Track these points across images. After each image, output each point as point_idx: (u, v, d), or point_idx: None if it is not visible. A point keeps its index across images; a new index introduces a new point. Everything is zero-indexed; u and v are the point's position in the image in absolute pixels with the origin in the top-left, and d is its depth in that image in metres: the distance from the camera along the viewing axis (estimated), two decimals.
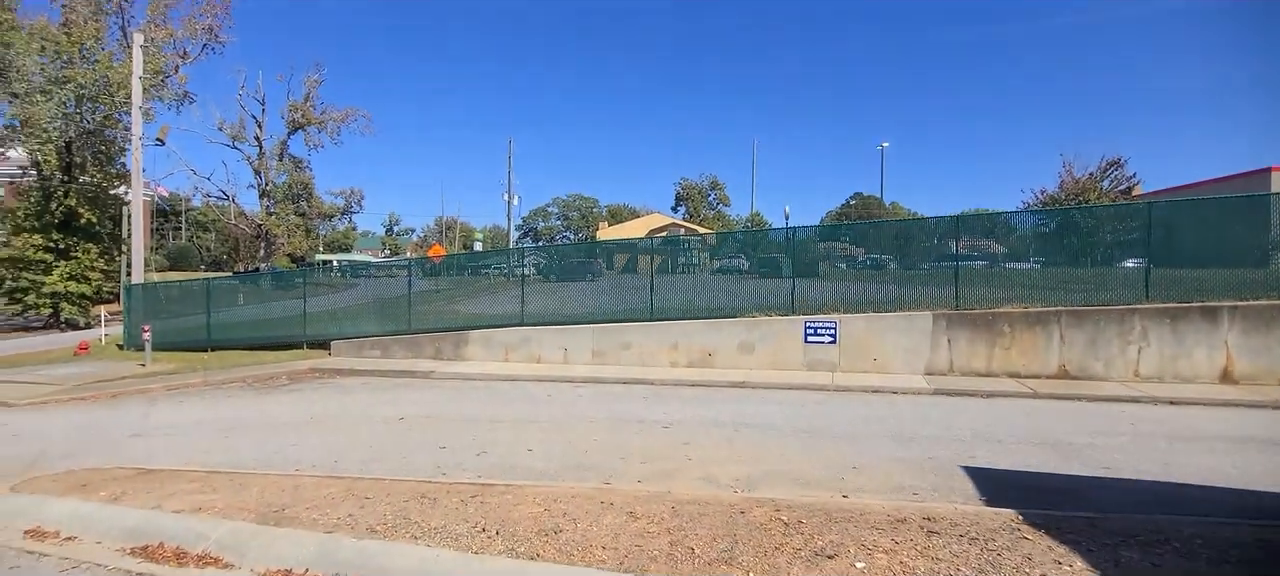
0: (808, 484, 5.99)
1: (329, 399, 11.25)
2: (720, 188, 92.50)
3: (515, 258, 20.05)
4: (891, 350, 12.37)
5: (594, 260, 18.50)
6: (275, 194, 54.42)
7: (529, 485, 5.60)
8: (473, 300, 17.07)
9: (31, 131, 28.88)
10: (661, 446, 7.46)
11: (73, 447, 8.05)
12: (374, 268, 31.61)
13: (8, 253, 31.07)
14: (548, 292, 15.87)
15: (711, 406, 9.83)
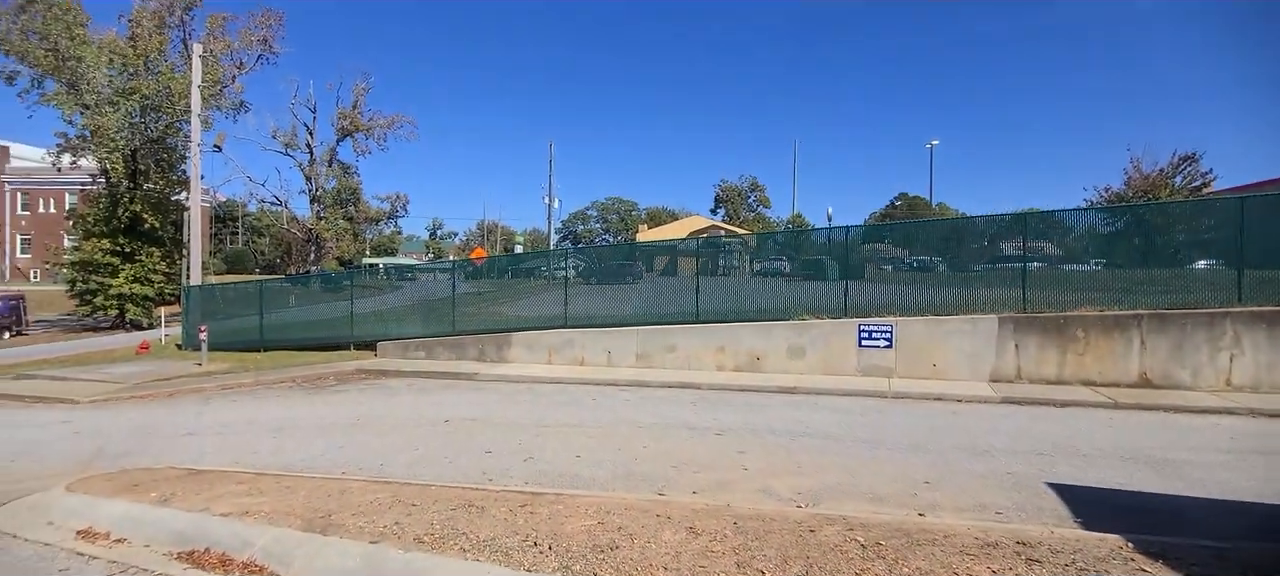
0: (878, 500, 5.55)
1: (375, 400, 11.25)
2: (760, 189, 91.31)
3: (556, 260, 19.95)
4: (953, 355, 11.70)
5: (634, 262, 18.25)
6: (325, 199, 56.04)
7: (580, 494, 5.32)
8: (515, 302, 17.00)
9: (101, 140, 30.31)
10: (714, 455, 7.11)
11: (129, 446, 8.17)
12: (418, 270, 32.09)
13: (79, 256, 32.69)
14: (590, 295, 15.66)
15: (763, 413, 9.41)
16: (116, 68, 30.34)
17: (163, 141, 32.41)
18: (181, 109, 30.54)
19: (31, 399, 12.47)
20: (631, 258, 19.79)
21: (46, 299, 40.07)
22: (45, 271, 52.89)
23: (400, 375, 14.12)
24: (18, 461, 7.49)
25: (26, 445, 8.38)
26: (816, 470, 6.47)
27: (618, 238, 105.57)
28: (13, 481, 6.59)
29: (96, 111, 29.74)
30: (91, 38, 30.25)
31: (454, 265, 19.52)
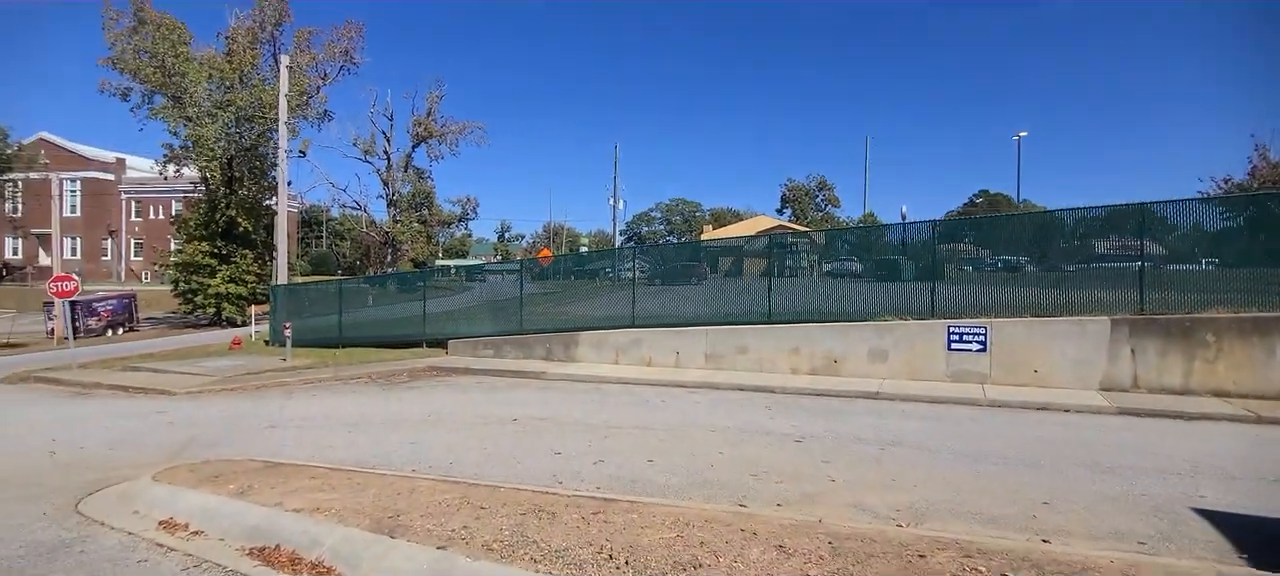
0: (990, 521, 4.92)
1: (445, 397, 11.31)
2: (828, 188, 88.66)
3: (622, 259, 19.74)
4: (1057, 361, 10.64)
5: (699, 262, 17.83)
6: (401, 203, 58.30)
7: (655, 502, 4.96)
8: (581, 302, 16.89)
9: (201, 150, 32.52)
10: (796, 464, 6.60)
11: (216, 436, 8.44)
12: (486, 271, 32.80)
13: (181, 258, 35.22)
14: (657, 295, 15.34)
15: (845, 419, 8.78)
16: (215, 82, 32.48)
17: (255, 149, 34.46)
18: (272, 118, 32.35)
19: (135, 389, 13.28)
20: (696, 257, 19.37)
21: (154, 298, 43.40)
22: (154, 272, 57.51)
23: (469, 373, 14.22)
24: (117, 449, 7.84)
25: (126, 434, 8.81)
26: (914, 484, 5.87)
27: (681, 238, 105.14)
28: (111, 468, 6.87)
29: (197, 123, 31.94)
30: (193, 55, 32.50)
31: (521, 265, 19.65)
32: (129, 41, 31.89)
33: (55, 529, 4.94)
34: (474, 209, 63.36)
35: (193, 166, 34.25)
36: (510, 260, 59.17)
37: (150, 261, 59.69)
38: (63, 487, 6.08)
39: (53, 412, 10.97)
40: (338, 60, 37.59)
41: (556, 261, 24.49)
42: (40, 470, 6.90)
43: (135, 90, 32.75)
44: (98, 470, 6.82)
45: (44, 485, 6.22)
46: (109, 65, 32.11)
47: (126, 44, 31.91)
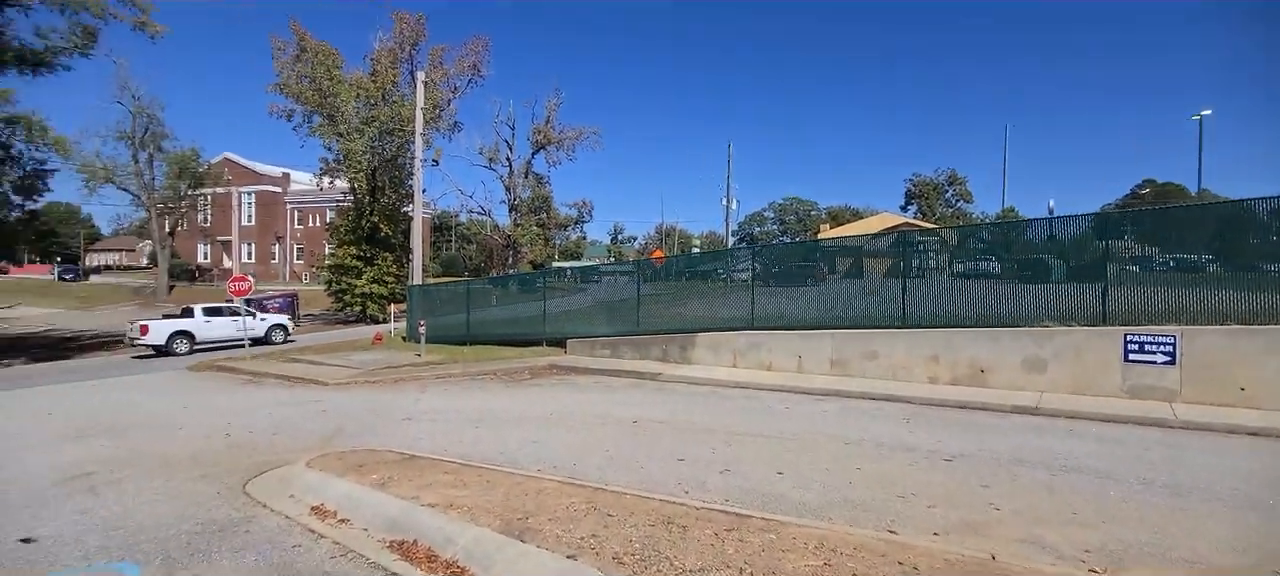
0: (1217, 573, 4.03)
1: (565, 396, 11.44)
2: (960, 182, 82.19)
3: (735, 260, 19.19)
4: (1272, 377, 8.87)
5: (817, 262, 16.86)
6: (521, 207, 61.18)
7: (792, 522, 4.55)
8: (696, 303, 16.56)
9: (350, 162, 35.81)
10: (949, 487, 5.88)
11: (361, 426, 9.02)
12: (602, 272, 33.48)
13: (333, 260, 39.02)
14: (776, 296, 14.69)
15: (1000, 437, 7.80)
16: (361, 100, 35.67)
17: (395, 161, 37.47)
18: (409, 131, 35.01)
19: (294, 380, 14.69)
20: (814, 257, 18.37)
21: (312, 296, 48.48)
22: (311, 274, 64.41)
23: (587, 372, 14.38)
24: (278, 434, 8.59)
25: (286, 420, 9.66)
26: (1100, 519, 4.99)
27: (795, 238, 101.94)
28: (272, 452, 7.50)
29: (347, 138, 35.23)
30: (344, 77, 35.88)
31: (636, 266, 19.70)
32: (292, 69, 35.74)
33: (226, 507, 5.38)
34: (589, 212, 65.10)
35: (344, 177, 37.79)
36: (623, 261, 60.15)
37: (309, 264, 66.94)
38: (233, 468, 6.69)
39: (230, 398, 12.34)
40: (466, 74, 40.02)
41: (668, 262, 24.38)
42: (217, 451, 7.67)
43: (297, 111, 36.64)
44: (262, 453, 7.47)
45: (219, 465, 6.88)
46: (276, 90, 36.20)
47: (290, 71, 35.79)
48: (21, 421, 10.31)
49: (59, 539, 4.75)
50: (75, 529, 4.96)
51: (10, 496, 5.82)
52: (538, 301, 18.28)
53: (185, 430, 9.10)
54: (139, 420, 10.02)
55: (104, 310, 52.28)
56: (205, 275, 66.90)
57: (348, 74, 36.22)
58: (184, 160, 55.34)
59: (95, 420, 10.10)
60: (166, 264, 56.99)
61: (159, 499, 5.67)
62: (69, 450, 7.91)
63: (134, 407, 11.40)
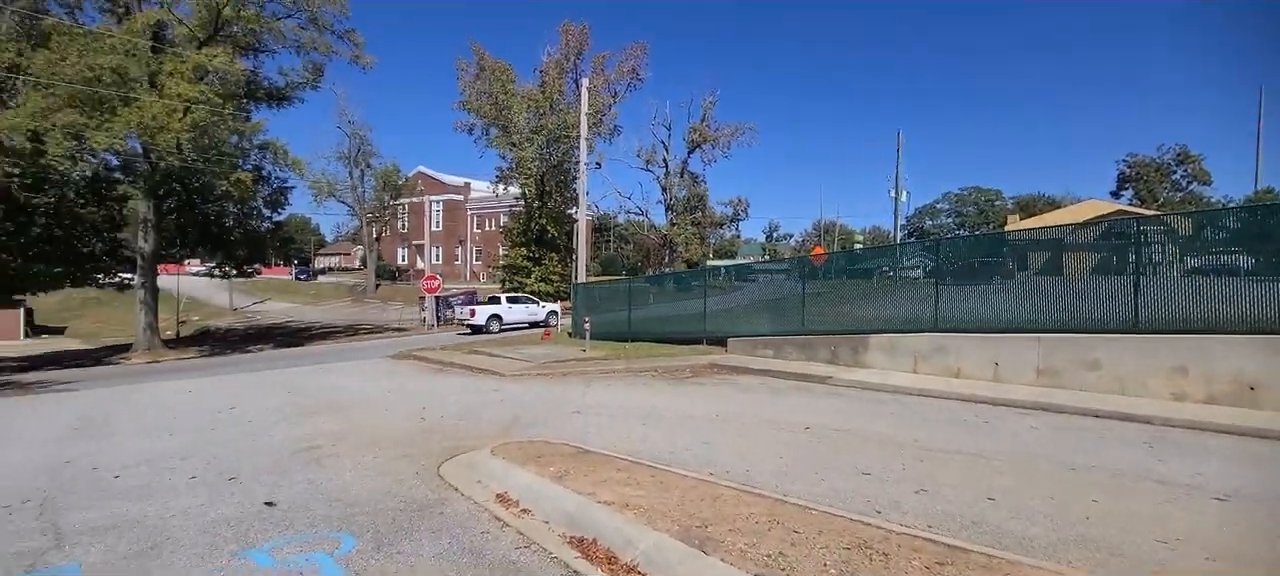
0: None
1: (730, 397, 11.10)
2: (1193, 160, 68.87)
3: (910, 255, 17.47)
4: None
5: (1003, 257, 14.77)
6: (676, 207, 61.92)
7: (1025, 563, 3.80)
8: (867, 301, 15.34)
9: (521, 169, 38.56)
10: (1229, 535, 4.64)
11: (535, 416, 9.43)
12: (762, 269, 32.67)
13: (506, 260, 42.33)
14: (962, 295, 13.10)
15: None
16: (531, 111, 38.27)
17: (561, 166, 39.70)
18: (574, 137, 36.95)
19: (475, 370, 15.94)
20: (997, 252, 16.16)
21: (488, 294, 53.07)
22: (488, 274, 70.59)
23: (750, 372, 13.91)
24: (464, 420, 9.24)
25: (469, 407, 10.40)
26: None
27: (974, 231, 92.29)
28: (459, 437, 8.05)
29: (519, 147, 37.99)
30: (516, 90, 38.72)
31: (799, 264, 18.79)
32: (473, 87, 39.27)
33: (424, 488, 5.78)
34: (744, 209, 64.27)
35: (516, 184, 40.80)
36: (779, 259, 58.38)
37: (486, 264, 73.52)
38: (427, 450, 7.25)
39: (422, 384, 13.65)
40: (626, 78, 41.38)
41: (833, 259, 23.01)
42: (414, 433, 8.40)
43: (477, 125, 40.24)
44: (451, 437, 8.04)
45: (416, 446, 7.51)
46: (460, 107, 40.07)
47: (471, 88, 39.35)
48: (275, 398, 12.22)
49: (293, 505, 5.39)
50: (304, 496, 5.60)
51: (261, 463, 6.78)
52: (697, 300, 18.13)
53: (389, 412, 10.16)
54: (353, 401, 11.40)
55: (328, 305, 61.66)
56: (403, 275, 76.11)
57: (519, 88, 39.02)
58: (387, 175, 63.38)
59: (321, 399, 11.67)
60: (374, 265, 65.69)
61: (369, 474, 6.26)
62: (304, 424, 9.16)
63: (349, 391, 13.04)
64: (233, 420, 9.67)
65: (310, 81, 30.17)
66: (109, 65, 20.91)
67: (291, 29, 28.29)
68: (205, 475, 6.39)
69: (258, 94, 29.42)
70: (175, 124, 21.24)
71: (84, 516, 5.18)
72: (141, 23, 24.03)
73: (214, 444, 7.97)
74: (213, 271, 35.23)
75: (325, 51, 29.37)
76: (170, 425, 9.43)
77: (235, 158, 27.09)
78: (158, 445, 7.99)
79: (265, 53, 29.85)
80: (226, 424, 9.38)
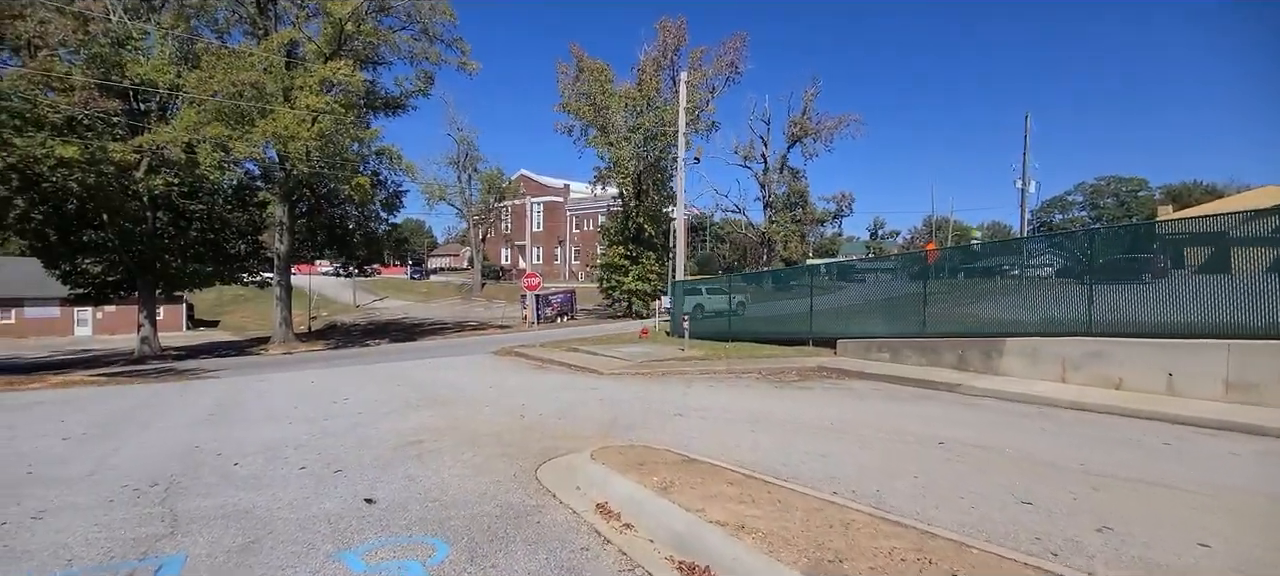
0: None
1: (843, 403, 10.16)
2: None
3: (1035, 250, 15.40)
4: None
5: (1153, 252, 12.57)
6: (775, 204, 60.09)
7: None
8: (999, 301, 13.70)
9: (618, 169, 38.67)
10: None
11: (634, 418, 9.00)
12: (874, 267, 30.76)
13: (605, 259, 42.65)
14: (1123, 294, 11.30)
15: None
16: (629, 110, 38.28)
17: (657, 164, 39.44)
18: (671, 134, 36.60)
19: (574, 367, 15.84)
20: (1147, 246, 13.76)
21: (585, 293, 53.87)
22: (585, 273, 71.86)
23: (863, 377, 12.81)
24: (563, 419, 8.97)
25: (568, 405, 10.16)
26: None
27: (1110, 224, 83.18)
28: (559, 436, 7.76)
29: (616, 147, 38.12)
30: (614, 90, 38.89)
31: (918, 259, 17.27)
32: (572, 88, 39.87)
33: (521, 492, 5.47)
34: (849, 205, 61.29)
35: (613, 184, 41.00)
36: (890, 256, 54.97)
37: (583, 264, 74.91)
38: (526, 450, 6.99)
39: (522, 381, 13.67)
40: (724, 72, 40.50)
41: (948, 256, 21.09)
42: (514, 430, 8.21)
43: (576, 126, 40.82)
44: (550, 436, 7.77)
45: (514, 444, 7.28)
46: (561, 110, 40.82)
47: (571, 90, 39.96)
48: (385, 390, 12.65)
49: (391, 504, 5.24)
50: (403, 495, 5.45)
51: (366, 456, 6.79)
52: (802, 299, 17.12)
53: (489, 408, 10.11)
54: (456, 396, 11.53)
55: (438, 302, 65.25)
56: (506, 274, 79.18)
57: (617, 87, 39.17)
58: (492, 178, 66.08)
59: (427, 394, 11.91)
60: (479, 265, 68.71)
61: (467, 474, 6.05)
62: (410, 417, 9.27)
63: (453, 385, 13.27)
64: (345, 411, 9.98)
65: (422, 89, 31.78)
66: (249, 81, 22.96)
67: (405, 40, 29.91)
68: (314, 466, 6.45)
69: (375, 104, 31.37)
70: (304, 133, 22.95)
71: (200, 504, 5.29)
72: (278, 42, 26.21)
73: (326, 434, 8.17)
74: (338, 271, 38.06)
75: (435, 60, 30.85)
76: (290, 413, 9.88)
77: (355, 164, 28.97)
78: (277, 433, 8.31)
79: (382, 65, 31.81)
80: (340, 414, 9.69)
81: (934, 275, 14.46)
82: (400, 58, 30.87)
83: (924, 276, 14.25)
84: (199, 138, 21.76)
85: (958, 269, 15.20)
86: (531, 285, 21.76)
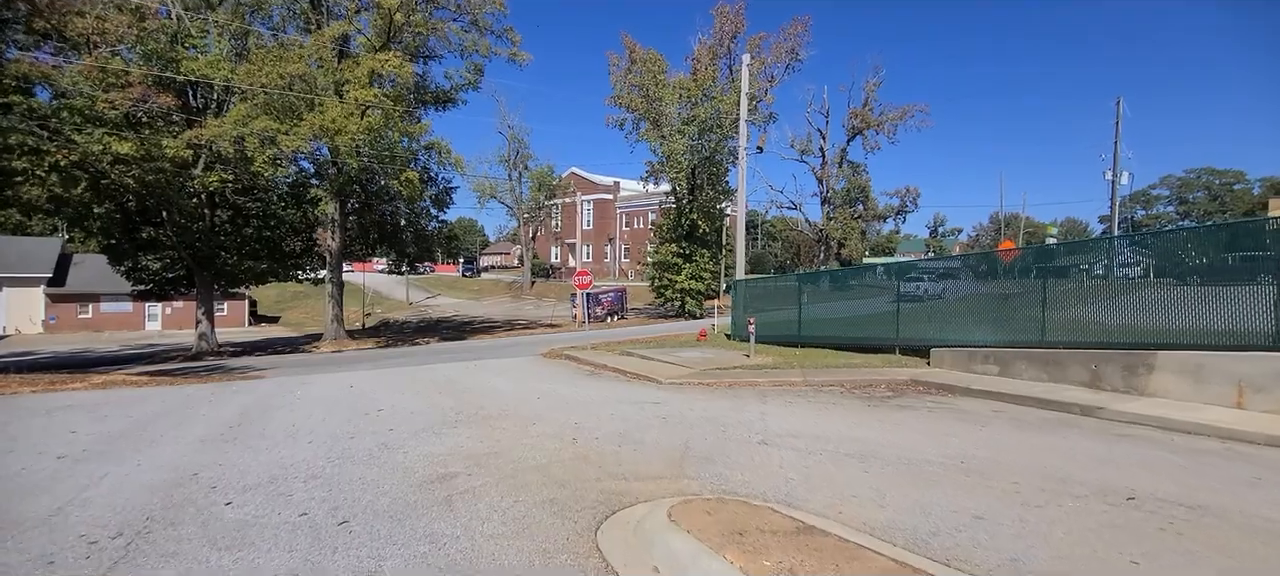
0: None
1: (963, 431, 8.31)
2: None
3: (1123, 247, 12.84)
4: None
5: (1266, 249, 10.05)
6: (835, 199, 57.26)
7: None
8: (1137, 305, 11.46)
9: (671, 163, 37.05)
10: None
11: (709, 446, 7.43)
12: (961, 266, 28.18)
13: (657, 257, 41.11)
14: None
15: None
16: (683, 102, 36.61)
17: (712, 158, 37.64)
18: (728, 125, 34.74)
19: (630, 375, 14.37)
20: (1259, 244, 11.19)
21: (635, 292, 52.54)
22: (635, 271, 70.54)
23: (970, 394, 10.86)
24: (622, 446, 7.48)
25: (628, 426, 8.67)
26: None
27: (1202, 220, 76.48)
28: (622, 473, 6.26)
29: (670, 140, 36.52)
30: (667, 81, 37.30)
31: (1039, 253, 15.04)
32: (624, 80, 38.49)
33: (576, 571, 3.98)
34: (914, 200, 57.89)
35: (666, 179, 39.42)
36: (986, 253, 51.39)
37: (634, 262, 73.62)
38: (580, 495, 5.51)
39: (574, 391, 12.29)
40: (783, 60, 38.38)
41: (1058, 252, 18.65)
42: (564, 461, 6.78)
43: (628, 120, 39.43)
44: (610, 472, 6.29)
45: (567, 486, 5.82)
46: (612, 103, 39.52)
47: (622, 82, 38.59)
48: (425, 398, 11.48)
49: None
50: (418, 571, 4.04)
51: (382, 502, 5.45)
52: (880, 299, 15.18)
53: (537, 425, 8.73)
54: (500, 409, 10.21)
55: (488, 300, 65.18)
56: (556, 272, 78.73)
57: (670, 78, 37.57)
58: (542, 176, 65.54)
59: (469, 404, 10.65)
60: (529, 263, 68.33)
61: (505, 534, 4.61)
62: (445, 438, 7.96)
63: (498, 393, 12.00)
64: (375, 427, 8.78)
65: (472, 82, 30.99)
66: (297, 72, 22.47)
67: (454, 32, 29.14)
68: (317, 512, 5.15)
69: (424, 97, 30.75)
70: (352, 126, 22.30)
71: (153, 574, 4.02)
72: (329, 35, 25.76)
73: (346, 459, 6.92)
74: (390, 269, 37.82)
75: (485, 52, 29.98)
76: (315, 428, 8.74)
77: (405, 159, 28.34)
78: (293, 455, 7.13)
79: (433, 58, 31.19)
80: (368, 431, 8.48)
81: (1054, 275, 12.26)
82: (450, 50, 30.19)
83: (1044, 276, 12.08)
84: (247, 131, 21.37)
85: (1082, 267, 12.94)
86: (582, 283, 20.46)
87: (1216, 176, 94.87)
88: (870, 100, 53.84)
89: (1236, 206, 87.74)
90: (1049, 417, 9.25)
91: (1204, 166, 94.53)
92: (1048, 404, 9.85)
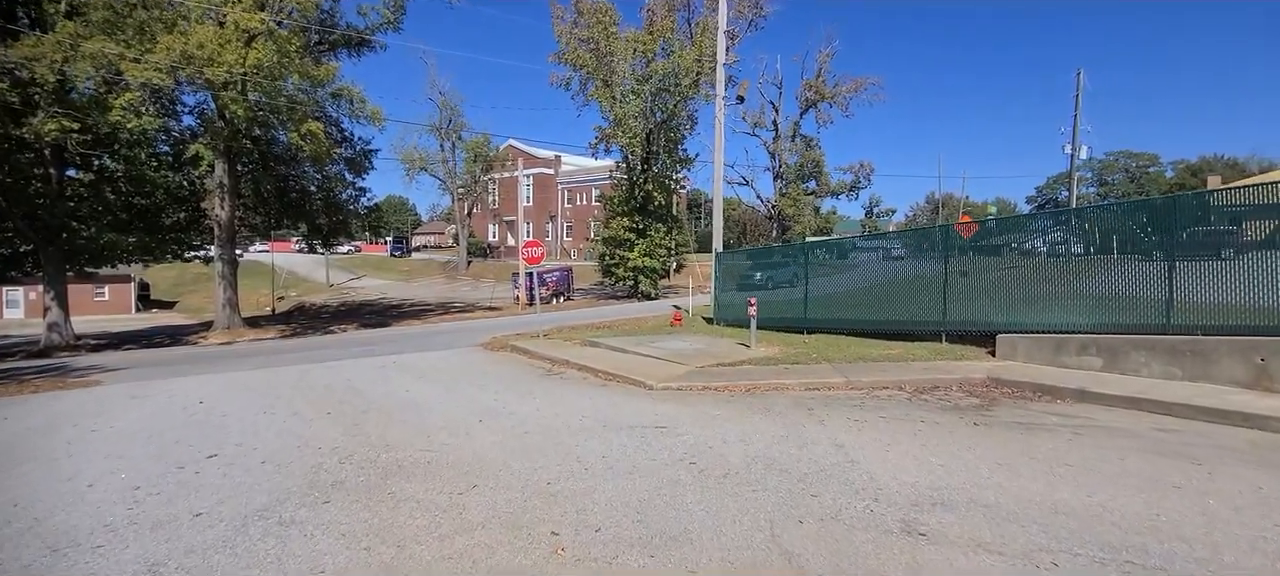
0: None
1: (1164, 473, 5.15)
2: None
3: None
4: None
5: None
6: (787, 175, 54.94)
7: None
8: None
9: (624, 127, 33.24)
10: None
11: (796, 537, 3.93)
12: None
13: (607, 233, 37.33)
14: None
15: None
16: (638, 58, 32.76)
17: (670, 122, 34.07)
18: (688, 84, 31.25)
19: (604, 375, 10.77)
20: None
21: (580, 272, 48.65)
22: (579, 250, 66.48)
23: (1083, 398, 7.86)
24: (656, 555, 3.86)
25: (646, 494, 5.05)
26: None
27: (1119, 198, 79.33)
28: None
29: (623, 102, 32.65)
30: (620, 34, 33.31)
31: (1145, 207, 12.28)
32: (571, 33, 34.23)
33: None
34: (868, 176, 56.11)
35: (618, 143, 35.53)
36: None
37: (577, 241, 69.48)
38: None
39: (534, 408, 8.59)
40: (747, 16, 35.06)
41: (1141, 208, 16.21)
42: None
43: (574, 78, 35.21)
44: None
45: None
46: (556, 60, 35.16)
47: (568, 36, 34.31)
48: (302, 426, 7.50)
49: None
50: None
51: None
52: (929, 269, 12.05)
53: (480, 491, 5.02)
54: (417, 449, 6.41)
55: (420, 282, 59.63)
56: (494, 252, 73.61)
57: (622, 32, 33.63)
58: (477, 147, 60.23)
59: (363, 437, 6.79)
60: (465, 242, 63.10)
61: None
62: (291, 539, 4.15)
63: (418, 413, 8.15)
64: (183, 496, 4.89)
65: (391, 21, 26.08)
66: None
67: None
68: None
69: (334, 37, 25.65)
70: (229, 56, 17.33)
71: None
72: None
73: None
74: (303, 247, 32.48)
75: None
76: (78, 502, 4.74)
77: (308, 109, 23.32)
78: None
79: None
80: (144, 523, 4.57)
81: (1181, 236, 9.18)
82: None
83: (1168, 235, 9.04)
84: (76, 55, 16.10)
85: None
86: (533, 257, 16.60)
87: (1133, 159, 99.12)
88: (823, 72, 51.57)
89: (1152, 188, 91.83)
90: (1211, 432, 6.30)
91: (1122, 149, 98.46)
92: (1196, 411, 6.91)
